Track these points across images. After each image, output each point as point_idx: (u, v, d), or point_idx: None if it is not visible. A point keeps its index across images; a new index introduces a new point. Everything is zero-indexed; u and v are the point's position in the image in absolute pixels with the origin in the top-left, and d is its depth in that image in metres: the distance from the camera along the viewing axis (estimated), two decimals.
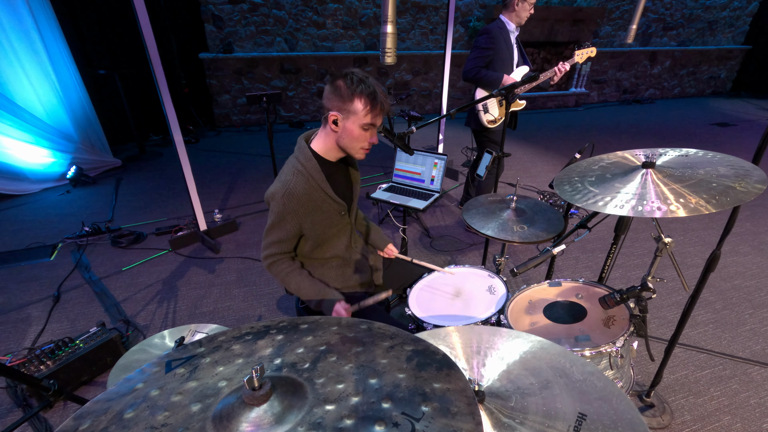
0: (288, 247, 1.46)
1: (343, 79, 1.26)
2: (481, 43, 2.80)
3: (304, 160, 1.39)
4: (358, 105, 1.27)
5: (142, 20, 2.35)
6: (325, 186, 1.40)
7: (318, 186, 1.39)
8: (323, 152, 1.42)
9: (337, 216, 1.47)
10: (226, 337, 0.72)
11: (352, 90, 1.26)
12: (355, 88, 1.26)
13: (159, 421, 0.54)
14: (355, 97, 1.26)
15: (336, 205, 1.44)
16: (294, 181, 1.36)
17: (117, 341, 2.06)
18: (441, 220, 3.55)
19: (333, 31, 6.40)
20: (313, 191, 1.38)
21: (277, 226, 1.40)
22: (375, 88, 1.28)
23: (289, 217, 1.38)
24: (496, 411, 0.75)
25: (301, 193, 1.36)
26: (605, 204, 1.15)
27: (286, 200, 1.35)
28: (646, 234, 3.26)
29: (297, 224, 1.40)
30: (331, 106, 1.30)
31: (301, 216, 1.39)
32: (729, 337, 2.21)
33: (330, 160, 1.44)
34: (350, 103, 1.27)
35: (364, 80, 1.27)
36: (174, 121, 2.68)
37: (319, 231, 1.46)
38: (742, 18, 8.56)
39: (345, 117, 1.30)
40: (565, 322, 1.32)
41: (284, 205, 1.36)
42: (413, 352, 0.63)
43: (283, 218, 1.38)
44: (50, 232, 3.34)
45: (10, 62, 3.80)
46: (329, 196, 1.41)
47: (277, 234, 1.41)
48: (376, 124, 1.33)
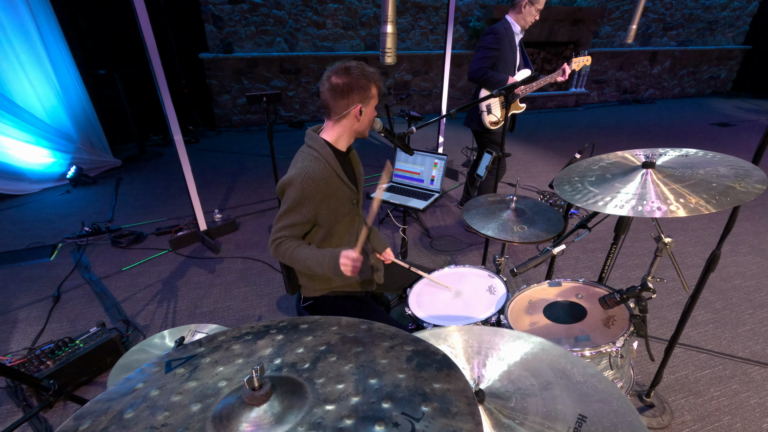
0: (299, 232, 1.45)
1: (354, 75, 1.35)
2: (487, 43, 2.79)
3: (319, 147, 1.42)
4: (374, 90, 1.40)
5: (142, 20, 2.35)
6: (340, 172, 1.44)
7: (334, 172, 1.42)
8: (335, 141, 1.47)
9: (350, 204, 1.51)
10: (226, 337, 0.72)
11: (369, 77, 1.37)
12: (371, 74, 1.38)
13: (159, 421, 0.54)
14: (371, 82, 1.38)
15: (350, 192, 1.49)
16: (312, 166, 1.38)
17: (117, 341, 2.06)
18: (441, 220, 3.55)
19: (333, 31, 6.40)
20: (330, 177, 1.41)
21: (293, 211, 1.40)
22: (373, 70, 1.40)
23: (306, 202, 1.38)
24: (496, 411, 0.75)
25: (320, 178, 1.38)
26: (605, 204, 1.15)
27: (305, 184, 1.36)
28: (646, 234, 3.26)
29: (313, 209, 1.41)
30: (352, 101, 1.38)
31: (318, 201, 1.40)
32: (729, 337, 2.21)
33: (340, 149, 1.48)
34: (369, 91, 1.39)
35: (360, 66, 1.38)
36: (174, 121, 2.68)
37: (332, 219, 1.49)
38: (742, 18, 8.56)
39: (366, 104, 1.41)
40: (565, 322, 1.32)
41: (303, 189, 1.36)
42: (413, 352, 0.63)
43: (300, 203, 1.38)
44: (50, 232, 3.34)
45: (10, 62, 3.80)
46: (344, 182, 1.46)
47: (291, 218, 1.41)
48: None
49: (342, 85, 1.34)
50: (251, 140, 5.87)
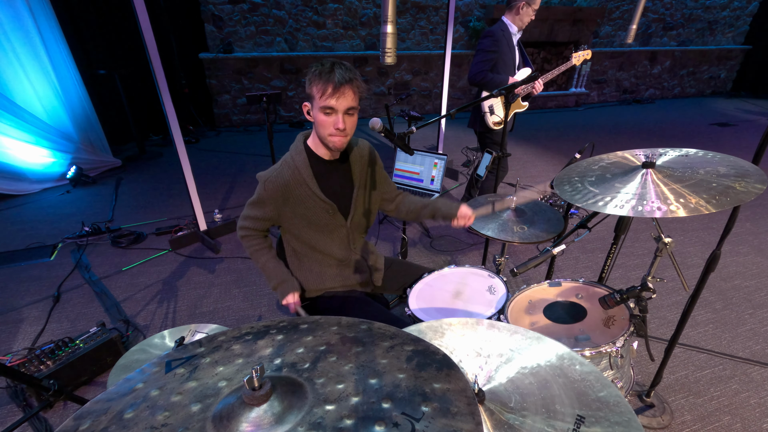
0: (262, 226, 1.52)
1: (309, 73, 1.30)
2: (485, 46, 2.80)
3: (295, 153, 1.43)
4: (314, 90, 1.28)
5: (142, 20, 2.35)
6: (311, 182, 1.42)
7: (303, 180, 1.41)
8: (315, 148, 1.45)
9: (325, 214, 1.47)
10: (226, 337, 0.72)
11: (309, 76, 1.28)
12: (311, 73, 1.27)
13: (159, 421, 0.54)
14: (312, 83, 1.28)
15: (321, 203, 1.45)
16: (279, 170, 1.41)
17: (117, 341, 2.06)
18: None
19: (333, 31, 6.40)
20: (297, 185, 1.41)
21: (255, 205, 1.47)
22: (332, 69, 1.23)
23: (267, 202, 1.44)
24: (496, 411, 0.75)
25: (282, 184, 1.40)
26: (605, 204, 1.15)
27: (267, 185, 1.41)
28: (646, 234, 3.26)
29: (274, 210, 1.45)
30: (305, 97, 1.35)
31: (279, 204, 1.43)
32: (729, 337, 2.21)
33: (324, 157, 1.45)
34: (310, 90, 1.29)
35: (323, 64, 1.26)
36: (174, 121, 2.68)
37: (303, 226, 1.48)
38: (742, 18, 8.56)
39: (312, 105, 1.33)
40: (565, 322, 1.32)
41: (265, 190, 1.42)
42: (413, 352, 0.63)
43: (261, 201, 1.44)
44: (50, 232, 3.34)
45: (10, 62, 3.80)
46: (314, 192, 1.42)
47: (254, 211, 1.48)
48: (333, 107, 1.27)
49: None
50: (251, 140, 5.87)
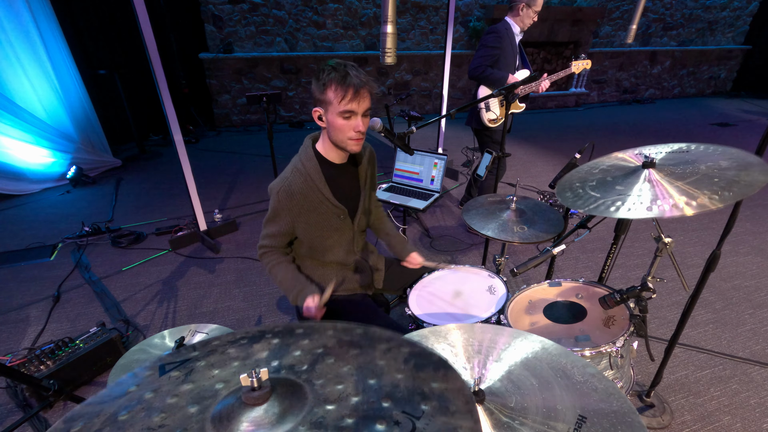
0: (281, 242, 1.49)
1: (317, 73, 1.27)
2: (488, 42, 2.81)
3: (305, 159, 1.40)
4: (330, 94, 1.25)
5: (142, 20, 2.35)
6: (324, 188, 1.40)
7: (315, 187, 1.39)
8: (325, 153, 1.42)
9: (336, 219, 1.47)
10: (220, 342, 0.71)
11: (323, 81, 1.24)
12: (326, 78, 1.24)
13: (156, 422, 0.53)
14: (326, 87, 1.24)
15: (334, 208, 1.44)
16: (291, 179, 1.38)
17: (117, 341, 2.06)
18: (441, 220, 3.55)
19: (333, 31, 6.40)
20: (310, 192, 1.39)
21: (272, 221, 1.44)
22: (346, 72, 1.23)
23: (282, 214, 1.41)
24: (496, 411, 0.74)
25: (297, 192, 1.37)
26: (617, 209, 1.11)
27: (281, 196, 1.38)
28: (646, 234, 3.25)
29: (290, 222, 1.42)
30: (314, 102, 1.31)
31: (294, 214, 1.40)
32: (729, 337, 2.21)
33: (334, 161, 1.43)
34: (324, 95, 1.26)
35: (336, 68, 1.23)
36: (174, 121, 2.68)
37: (316, 233, 1.46)
38: (742, 18, 8.56)
39: (326, 110, 1.29)
40: (565, 322, 1.31)
41: (279, 201, 1.38)
42: (410, 353, 0.63)
43: (278, 214, 1.41)
44: (50, 232, 3.34)
45: (10, 62, 3.80)
46: (327, 198, 1.41)
47: (270, 228, 1.45)
48: (354, 110, 1.27)
49: (312, 90, 1.30)
50: (251, 140, 5.87)
